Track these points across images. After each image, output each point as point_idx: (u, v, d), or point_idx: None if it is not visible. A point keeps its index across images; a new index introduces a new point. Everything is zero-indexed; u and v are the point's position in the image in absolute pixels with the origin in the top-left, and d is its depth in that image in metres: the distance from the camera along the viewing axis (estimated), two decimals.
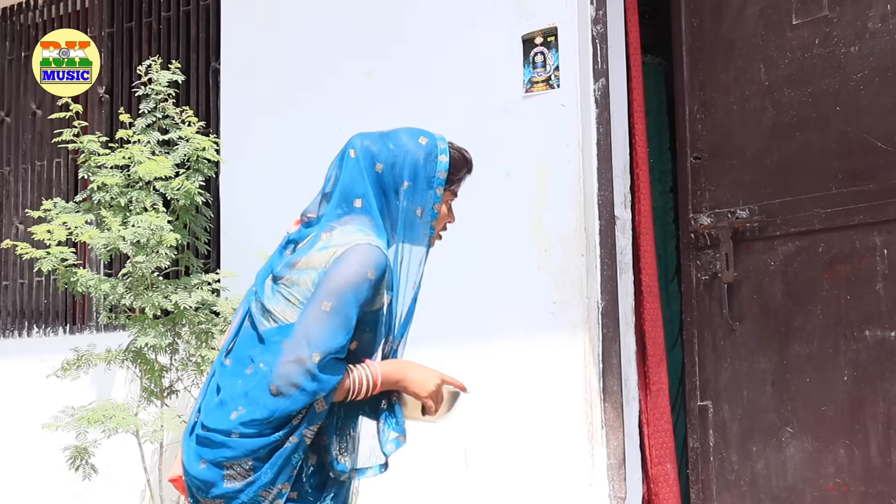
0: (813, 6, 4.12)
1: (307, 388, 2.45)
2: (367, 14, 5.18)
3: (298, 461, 2.53)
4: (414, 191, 2.70)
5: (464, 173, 2.79)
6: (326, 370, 2.47)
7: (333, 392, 2.50)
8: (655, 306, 4.51)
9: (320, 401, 2.49)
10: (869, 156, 3.94)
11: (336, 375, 2.49)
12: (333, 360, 2.50)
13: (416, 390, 2.63)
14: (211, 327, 5.04)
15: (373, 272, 2.54)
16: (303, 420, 2.49)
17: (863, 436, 3.91)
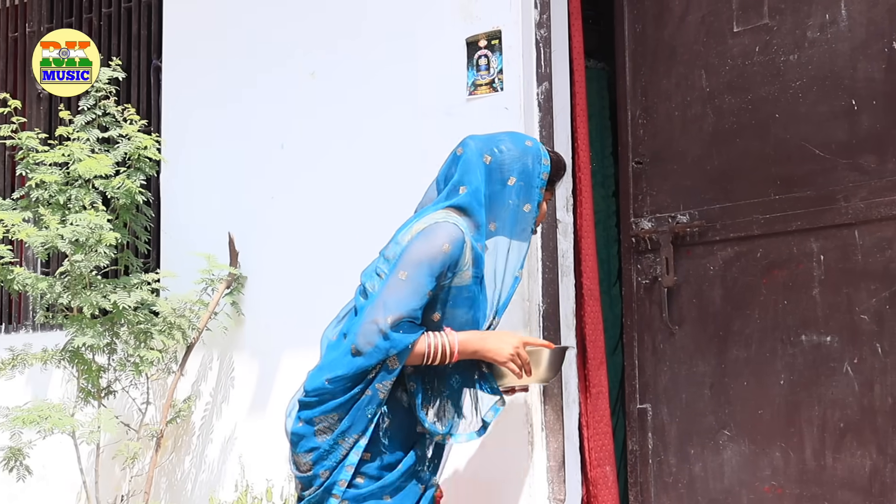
0: (753, 14, 4.17)
1: (380, 345, 2.74)
2: (310, 13, 5.16)
3: (374, 414, 2.78)
4: (521, 188, 3.02)
5: (562, 174, 3.16)
6: (399, 332, 2.75)
7: (406, 352, 2.76)
8: (596, 310, 4.53)
9: (393, 359, 2.76)
10: (807, 163, 3.99)
11: (408, 337, 2.76)
12: (408, 324, 2.77)
13: (494, 357, 2.86)
14: (150, 327, 5.00)
15: (448, 245, 2.83)
16: (376, 375, 2.76)
17: (798, 439, 3.96)
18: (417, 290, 2.77)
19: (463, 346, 2.82)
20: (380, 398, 2.76)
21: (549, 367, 2.90)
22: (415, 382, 2.84)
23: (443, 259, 2.79)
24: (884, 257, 3.79)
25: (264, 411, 5.13)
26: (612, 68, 4.86)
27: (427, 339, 2.79)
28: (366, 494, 2.79)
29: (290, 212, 5.15)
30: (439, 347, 2.79)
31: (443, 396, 2.85)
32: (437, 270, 2.79)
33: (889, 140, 3.80)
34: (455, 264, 2.82)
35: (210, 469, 5.30)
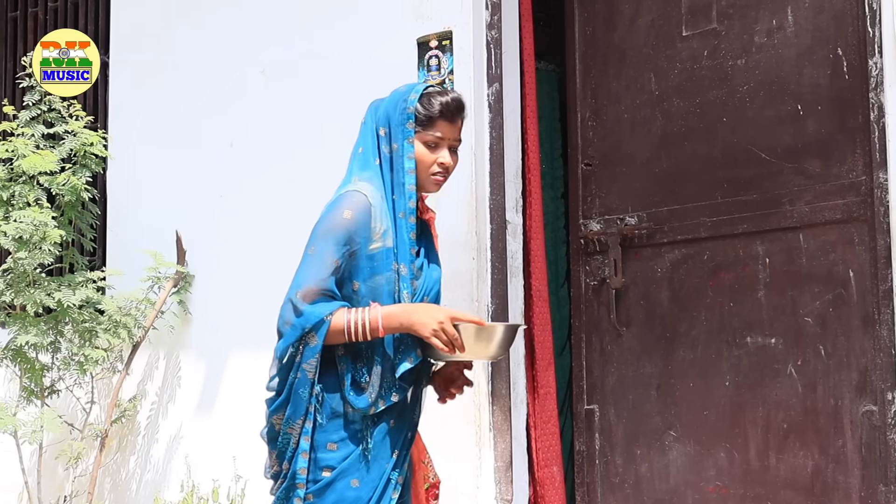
0: (702, 19, 4.21)
1: (295, 322, 2.70)
2: (262, 11, 5.14)
3: (307, 396, 2.73)
4: (390, 133, 2.89)
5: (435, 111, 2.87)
6: (313, 306, 2.70)
7: (322, 326, 2.70)
8: (545, 310, 4.55)
9: (312, 335, 2.71)
10: (753, 166, 4.03)
11: (321, 309, 2.70)
12: (323, 298, 2.72)
13: (418, 331, 2.74)
14: (95, 326, 4.95)
15: (349, 212, 2.76)
16: (301, 355, 2.72)
17: (742, 440, 4.00)
18: (323, 260, 2.74)
19: (387, 319, 2.73)
20: (309, 378, 2.72)
21: (500, 345, 2.83)
22: (345, 363, 2.80)
23: (346, 226, 2.75)
24: (827, 260, 3.84)
25: (211, 411, 5.10)
26: (563, 70, 4.88)
27: (347, 314, 2.72)
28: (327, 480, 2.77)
29: (238, 210, 5.12)
30: (360, 322, 2.72)
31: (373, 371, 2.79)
32: (342, 239, 2.74)
33: (833, 145, 3.85)
34: (361, 231, 2.76)
35: (155, 469, 5.26)
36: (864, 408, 3.72)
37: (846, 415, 3.77)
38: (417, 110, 2.87)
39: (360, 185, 2.84)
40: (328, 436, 2.78)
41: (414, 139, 2.87)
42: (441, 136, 2.89)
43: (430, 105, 2.88)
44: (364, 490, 2.78)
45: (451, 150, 2.92)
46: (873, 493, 3.66)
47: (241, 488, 4.84)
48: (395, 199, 2.86)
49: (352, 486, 2.77)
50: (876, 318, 3.68)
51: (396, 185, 2.87)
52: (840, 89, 3.85)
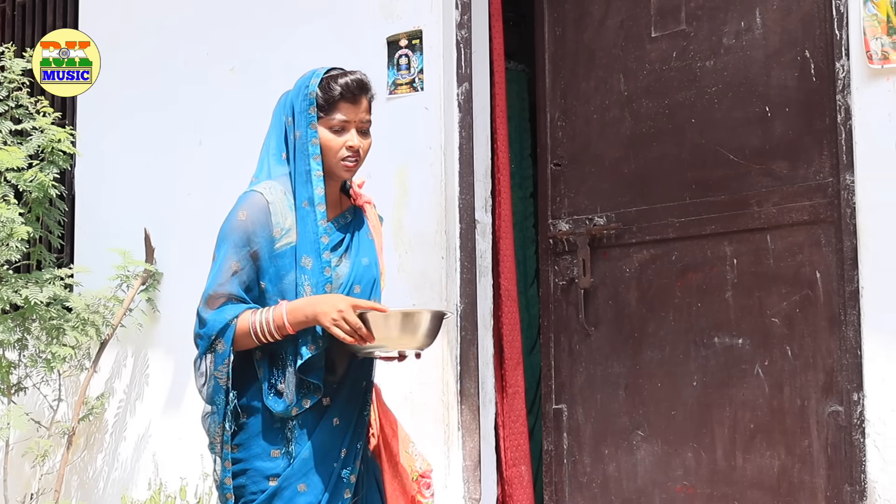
0: (671, 20, 4.22)
1: (202, 331, 2.67)
2: (231, 9, 5.12)
3: (223, 403, 2.68)
4: (294, 122, 2.80)
5: (336, 94, 2.78)
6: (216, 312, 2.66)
7: (227, 331, 2.64)
8: (514, 310, 4.56)
9: (219, 342, 2.65)
10: (721, 167, 4.05)
11: (223, 314, 2.65)
12: (230, 303, 2.67)
13: (320, 321, 2.64)
14: (63, 323, 4.93)
15: (243, 213, 2.71)
16: (213, 364, 2.67)
17: (710, 439, 4.02)
18: (222, 265, 2.69)
19: (292, 315, 2.63)
20: (221, 385, 2.66)
21: (426, 334, 2.75)
22: (262, 366, 2.75)
23: (242, 227, 2.69)
24: (794, 261, 3.86)
25: (179, 409, 5.08)
26: (532, 70, 4.89)
27: (252, 315, 2.64)
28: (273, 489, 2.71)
29: (207, 208, 5.09)
30: (265, 321, 2.63)
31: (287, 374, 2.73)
32: (239, 241, 2.68)
33: (801, 147, 3.87)
34: (260, 230, 2.69)
35: (123, 467, 5.24)
36: (831, 408, 3.74)
37: (812, 415, 3.79)
38: (318, 95, 2.78)
39: (261, 185, 2.76)
40: (269, 443, 2.71)
41: (317, 125, 2.77)
42: (345, 118, 2.78)
43: (331, 88, 2.79)
44: (312, 493, 2.70)
45: (360, 133, 2.80)
46: (839, 492, 3.69)
47: (209, 486, 4.82)
48: (298, 189, 2.77)
49: (299, 492, 2.69)
50: (842, 319, 3.70)
51: (300, 173, 2.77)
52: (807, 91, 3.87)
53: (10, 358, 4.99)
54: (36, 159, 5.05)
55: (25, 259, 5.19)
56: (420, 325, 2.71)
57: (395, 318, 2.67)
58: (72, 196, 5.61)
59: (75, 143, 5.23)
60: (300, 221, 2.75)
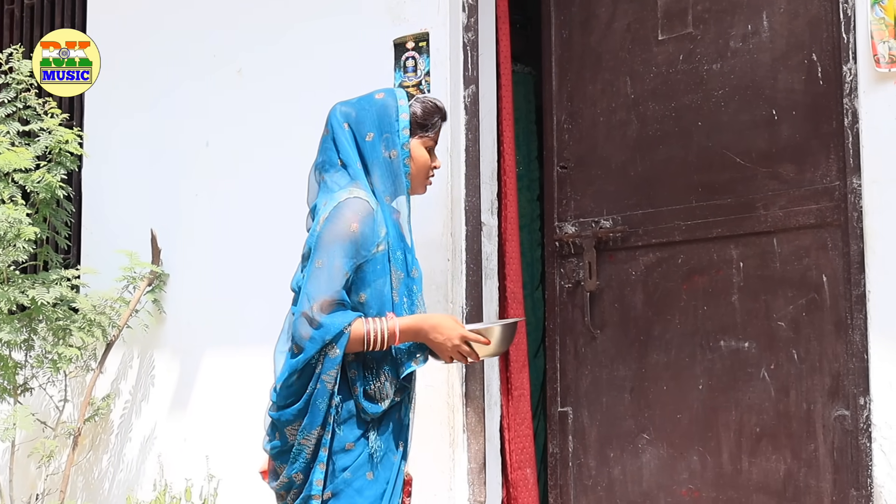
0: (678, 23, 4.22)
1: (315, 335, 2.72)
2: (238, 12, 5.12)
3: (327, 406, 2.76)
4: (383, 139, 2.93)
5: (437, 119, 3.02)
6: (331, 317, 2.73)
7: (342, 337, 2.74)
8: (519, 313, 4.55)
9: (332, 347, 2.74)
10: (728, 170, 4.04)
11: (340, 320, 2.74)
12: (339, 309, 2.76)
13: (436, 351, 2.87)
14: (69, 324, 4.94)
15: (356, 224, 2.80)
16: (321, 367, 2.74)
17: (715, 443, 4.01)
18: (334, 273, 2.76)
19: (405, 332, 2.82)
20: (328, 389, 2.75)
21: (500, 343, 2.94)
22: (356, 369, 2.83)
23: (353, 238, 2.78)
24: (801, 265, 3.86)
25: (185, 410, 5.09)
26: (539, 73, 4.89)
27: (366, 325, 2.77)
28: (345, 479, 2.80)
29: (213, 210, 5.11)
30: (378, 332, 2.78)
31: (381, 377, 2.85)
32: (350, 251, 2.77)
33: (808, 150, 3.87)
34: (368, 239, 2.80)
35: (128, 468, 5.24)
36: (837, 412, 3.73)
37: (818, 419, 3.78)
38: (416, 115, 2.97)
39: (359, 191, 2.87)
40: (345, 439, 2.82)
41: (416, 144, 2.98)
42: (436, 141, 3.04)
43: (432, 112, 3.00)
44: (378, 483, 2.84)
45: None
46: (845, 497, 3.68)
47: (214, 488, 4.83)
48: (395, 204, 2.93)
49: (367, 479, 2.82)
50: (849, 323, 3.69)
51: (395, 188, 2.94)
52: (814, 95, 3.86)
53: (17, 358, 5.00)
54: (43, 160, 5.06)
55: (32, 260, 5.20)
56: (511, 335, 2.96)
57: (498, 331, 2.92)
58: (79, 197, 5.62)
59: (83, 145, 5.24)
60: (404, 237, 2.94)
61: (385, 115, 2.95)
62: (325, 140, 3.00)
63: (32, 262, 5.25)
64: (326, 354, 2.74)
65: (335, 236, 2.79)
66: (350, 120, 2.97)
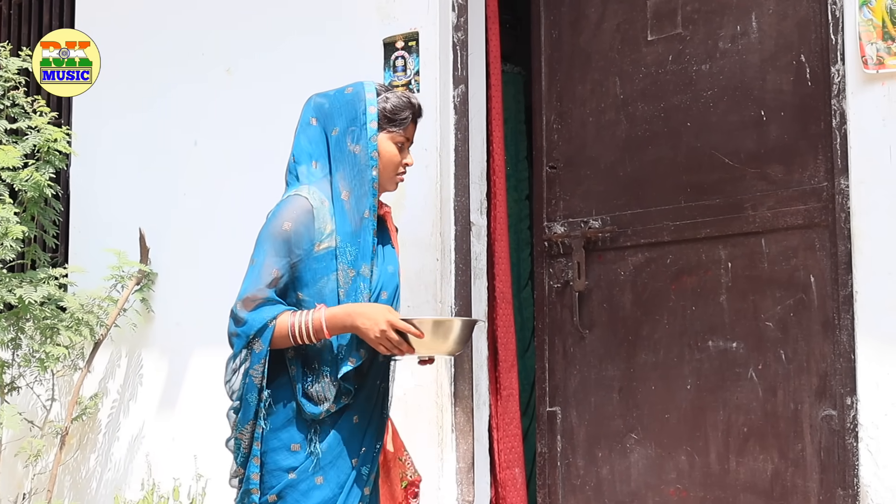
0: (667, 24, 4.23)
1: (240, 330, 2.72)
2: (227, 10, 5.12)
3: (255, 401, 2.74)
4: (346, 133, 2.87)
5: (407, 115, 2.92)
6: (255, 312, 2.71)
7: (266, 331, 2.71)
8: (508, 312, 4.56)
9: (256, 341, 2.72)
10: (716, 171, 4.05)
11: (263, 314, 2.71)
12: (266, 304, 2.73)
13: (363, 336, 2.75)
14: (57, 323, 4.92)
15: (289, 223, 2.76)
16: (248, 362, 2.73)
17: (703, 443, 4.02)
18: (262, 270, 2.74)
19: (331, 322, 2.73)
20: (255, 384, 2.73)
21: (457, 341, 2.83)
22: (295, 366, 2.81)
23: (285, 237, 2.74)
24: (789, 266, 3.87)
25: (173, 409, 5.08)
26: (528, 73, 4.89)
27: (292, 318, 2.72)
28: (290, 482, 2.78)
29: (201, 209, 5.10)
30: (304, 324, 2.72)
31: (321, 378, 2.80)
32: (282, 250, 2.75)
33: (796, 151, 3.88)
34: (304, 241, 2.76)
35: (116, 467, 5.23)
36: (824, 412, 3.75)
37: (806, 419, 3.80)
38: (386, 110, 2.89)
39: (303, 189, 2.83)
40: (290, 437, 2.78)
41: (384, 139, 2.89)
42: (408, 137, 2.95)
43: (402, 107, 2.91)
44: (329, 487, 2.78)
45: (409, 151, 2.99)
46: (832, 497, 3.69)
47: (202, 487, 4.82)
48: (356, 199, 2.85)
49: (316, 484, 2.77)
50: (836, 324, 3.71)
51: (359, 184, 2.85)
52: (803, 96, 3.88)
53: (4, 357, 4.99)
54: (32, 159, 5.05)
55: (20, 258, 5.19)
56: (463, 333, 2.83)
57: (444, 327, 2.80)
58: (67, 196, 5.61)
59: (71, 143, 5.22)
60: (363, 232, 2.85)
61: (351, 109, 2.88)
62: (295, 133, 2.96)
63: (20, 261, 5.24)
64: (252, 349, 2.72)
65: (268, 234, 2.78)
66: (321, 113, 2.92)
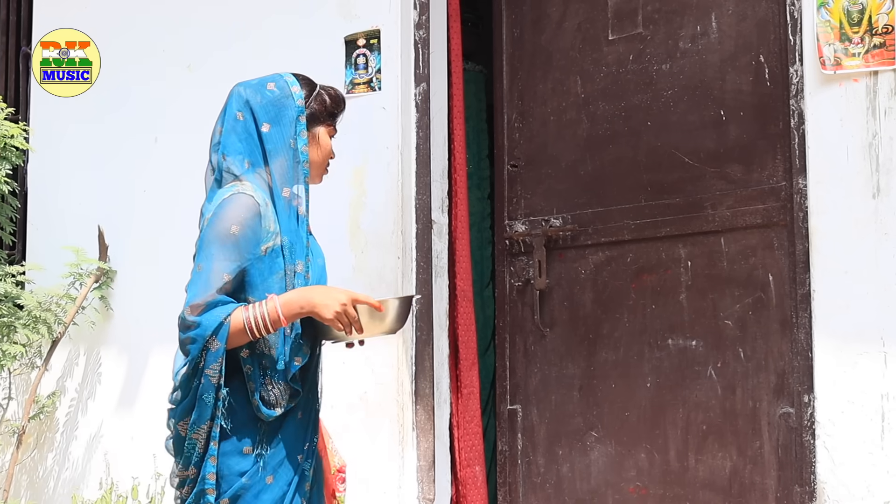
0: (628, 23, 4.25)
1: (193, 335, 2.64)
2: (188, 7, 5.09)
3: (213, 399, 2.68)
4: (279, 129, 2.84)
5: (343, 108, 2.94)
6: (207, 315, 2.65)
7: (222, 329, 2.65)
8: (469, 311, 4.56)
9: (213, 340, 2.65)
10: (676, 170, 4.08)
11: (218, 314, 2.65)
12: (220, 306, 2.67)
13: (319, 313, 2.70)
14: (14, 321, 4.88)
15: (236, 227, 2.70)
16: (204, 362, 2.66)
17: (663, 440, 4.05)
18: (211, 276, 2.69)
19: (287, 307, 2.68)
20: (212, 383, 2.67)
21: (396, 319, 2.79)
22: (251, 365, 2.78)
23: (233, 241, 2.69)
24: (748, 264, 3.90)
25: (132, 408, 5.04)
26: (490, 71, 4.90)
27: (245, 312, 2.67)
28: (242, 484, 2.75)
29: (161, 206, 5.07)
30: (259, 316, 2.66)
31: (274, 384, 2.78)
32: (232, 253, 2.69)
33: (755, 151, 3.91)
34: (251, 241, 2.73)
35: (74, 467, 5.19)
36: (782, 410, 3.78)
37: (764, 416, 3.83)
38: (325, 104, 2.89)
39: (247, 186, 2.78)
40: (242, 440, 2.75)
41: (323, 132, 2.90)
42: (334, 130, 2.95)
43: (339, 101, 2.93)
44: (278, 486, 2.76)
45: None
46: (789, 493, 3.72)
47: (161, 486, 4.79)
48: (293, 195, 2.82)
49: (267, 484, 2.75)
50: (794, 322, 3.74)
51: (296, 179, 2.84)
52: (762, 96, 3.91)
53: None
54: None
55: None
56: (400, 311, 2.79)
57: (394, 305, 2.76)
58: (24, 192, 5.56)
59: (28, 139, 5.17)
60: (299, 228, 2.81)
61: (283, 104, 2.85)
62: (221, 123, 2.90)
63: None
64: (208, 349, 2.66)
65: (214, 237, 2.72)
66: (249, 107, 2.87)
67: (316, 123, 2.89)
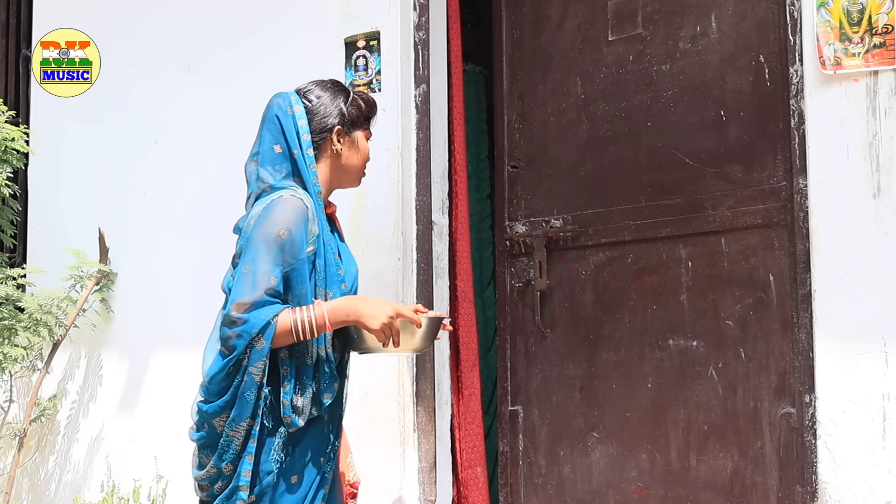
0: (628, 24, 4.25)
1: (239, 331, 2.67)
2: (189, 9, 5.09)
3: (255, 398, 2.72)
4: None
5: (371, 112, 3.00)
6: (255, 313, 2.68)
7: (269, 329, 2.69)
8: (470, 312, 4.56)
9: (259, 339, 2.69)
10: (677, 171, 4.08)
11: (266, 312, 2.69)
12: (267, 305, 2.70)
13: (366, 323, 2.76)
14: (15, 324, 4.88)
15: (284, 231, 2.74)
16: (248, 360, 2.70)
17: (664, 441, 4.04)
18: (258, 277, 2.71)
19: (333, 314, 2.74)
20: (255, 381, 2.71)
21: (424, 337, 2.84)
22: (288, 366, 2.79)
23: (280, 244, 2.72)
24: (748, 265, 3.90)
25: (133, 410, 5.05)
26: (490, 72, 4.90)
27: (292, 314, 2.72)
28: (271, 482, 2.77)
29: (162, 208, 5.07)
30: (306, 319, 2.72)
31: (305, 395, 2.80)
32: (278, 257, 2.72)
33: (755, 151, 3.90)
34: (298, 245, 2.74)
35: (75, 469, 5.19)
36: (783, 410, 3.78)
37: (765, 417, 3.82)
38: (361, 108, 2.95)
39: (298, 189, 2.82)
40: (274, 439, 2.78)
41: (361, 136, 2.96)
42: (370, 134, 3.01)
43: (372, 105, 2.99)
44: (302, 486, 2.80)
45: None
46: (790, 493, 3.72)
47: (163, 488, 4.79)
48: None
49: (292, 483, 2.79)
50: (794, 322, 3.74)
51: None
52: (762, 96, 3.90)
53: None
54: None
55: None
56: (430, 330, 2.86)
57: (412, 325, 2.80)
58: (25, 195, 5.56)
59: (29, 142, 5.18)
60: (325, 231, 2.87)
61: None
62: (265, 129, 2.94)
63: None
64: (253, 347, 2.69)
65: (262, 239, 2.75)
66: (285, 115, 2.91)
67: (354, 128, 2.95)
